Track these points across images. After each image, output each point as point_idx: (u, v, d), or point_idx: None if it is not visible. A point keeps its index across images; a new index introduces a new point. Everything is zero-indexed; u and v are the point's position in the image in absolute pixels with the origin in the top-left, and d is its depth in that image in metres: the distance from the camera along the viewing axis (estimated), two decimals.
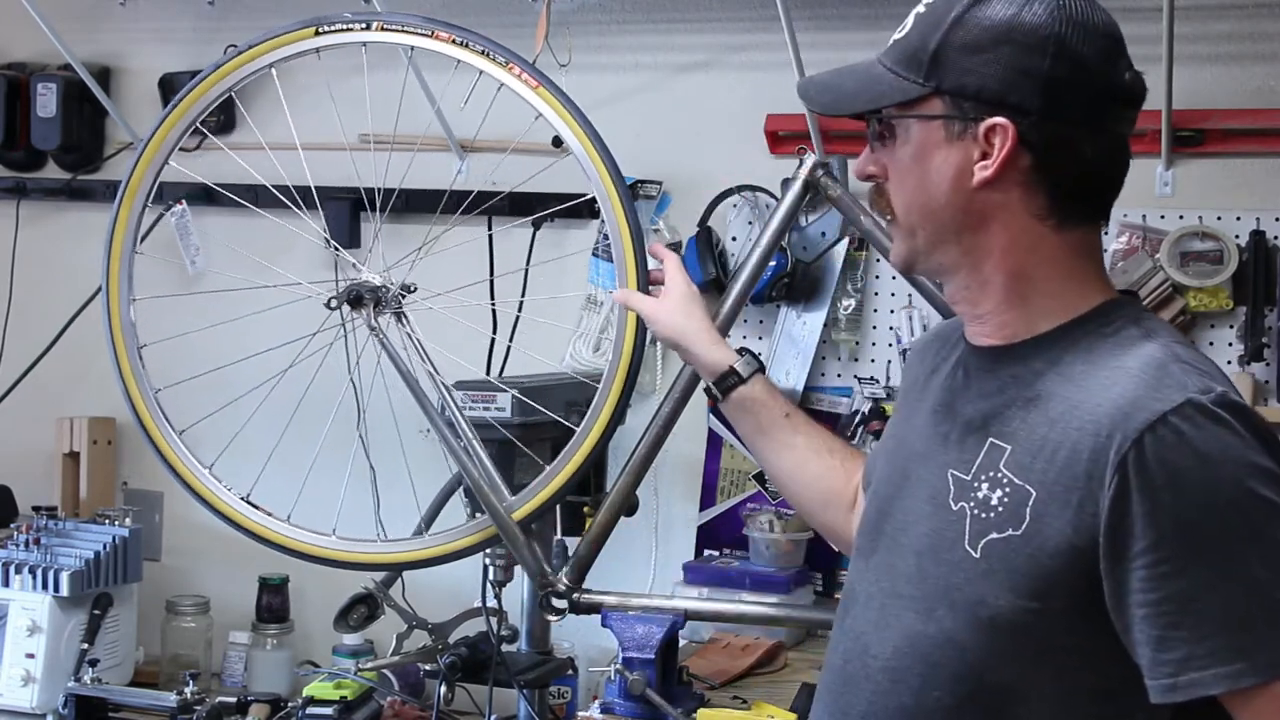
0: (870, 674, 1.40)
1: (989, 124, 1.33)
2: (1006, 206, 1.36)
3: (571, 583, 2.34)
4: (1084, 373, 1.31)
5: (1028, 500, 1.30)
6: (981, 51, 1.33)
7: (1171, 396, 1.24)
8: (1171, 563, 1.22)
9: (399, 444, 2.54)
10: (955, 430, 1.41)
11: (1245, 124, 2.60)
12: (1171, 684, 1.23)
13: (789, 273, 2.77)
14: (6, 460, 3.29)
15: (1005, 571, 1.30)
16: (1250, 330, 2.55)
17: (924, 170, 1.37)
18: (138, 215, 2.48)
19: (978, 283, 1.39)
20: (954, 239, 1.38)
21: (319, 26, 2.36)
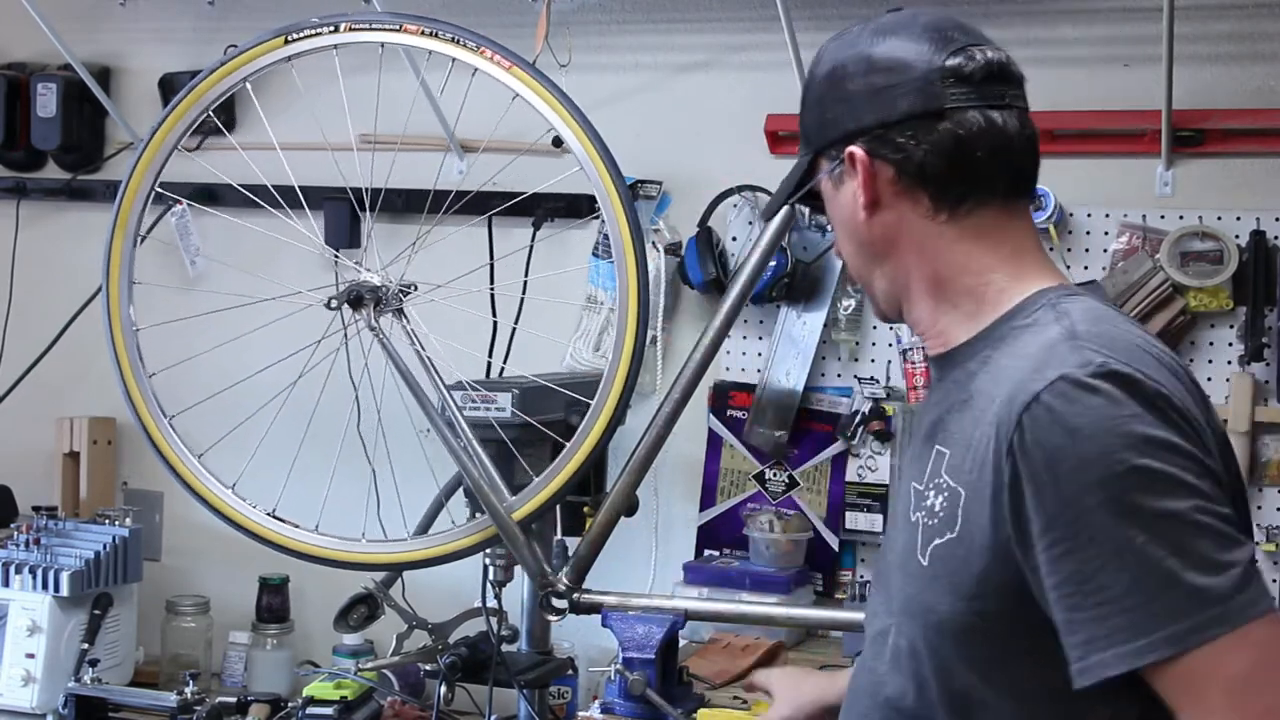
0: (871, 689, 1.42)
1: (844, 156, 1.40)
2: (900, 220, 1.40)
3: (571, 583, 2.34)
4: (1005, 366, 1.30)
5: (959, 501, 1.30)
6: (819, 103, 1.44)
7: (1047, 375, 1.22)
8: (1061, 544, 1.20)
9: (400, 444, 2.54)
10: (916, 443, 1.44)
11: (1245, 124, 2.60)
12: (1080, 668, 1.20)
13: (789, 273, 2.77)
14: (6, 460, 3.29)
15: (946, 575, 1.30)
16: (1250, 330, 2.54)
17: (839, 222, 1.46)
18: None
19: (910, 301, 1.44)
20: (879, 272, 1.44)
21: (288, 35, 2.38)
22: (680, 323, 2.94)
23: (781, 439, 2.83)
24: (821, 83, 1.43)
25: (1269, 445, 2.57)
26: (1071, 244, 2.67)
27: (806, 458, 2.84)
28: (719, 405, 2.89)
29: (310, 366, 2.43)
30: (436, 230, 2.59)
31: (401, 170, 2.57)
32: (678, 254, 2.87)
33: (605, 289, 2.92)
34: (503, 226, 2.94)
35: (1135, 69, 2.63)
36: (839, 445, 2.81)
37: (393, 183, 2.54)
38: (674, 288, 2.91)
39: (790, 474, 2.84)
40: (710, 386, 2.87)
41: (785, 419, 2.83)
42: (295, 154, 2.62)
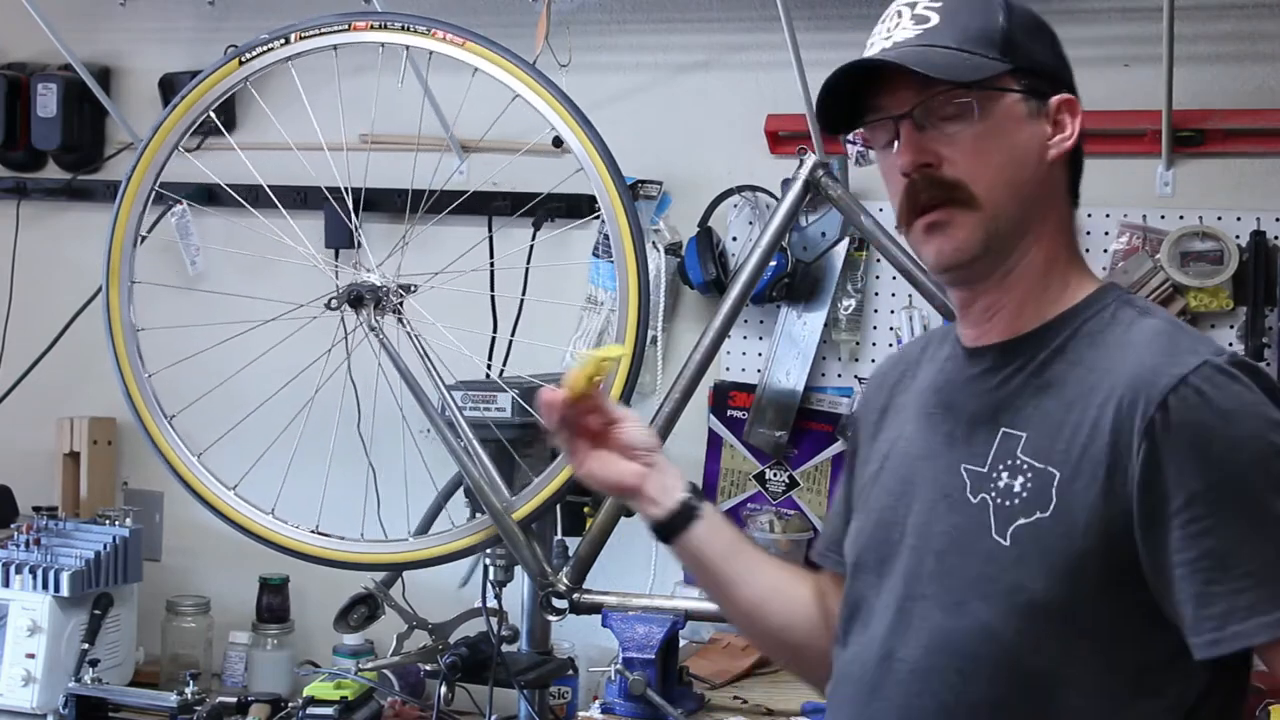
0: (899, 679, 1.39)
1: (1060, 99, 1.39)
2: (1058, 182, 1.41)
3: (572, 583, 2.34)
4: (1091, 355, 1.35)
5: (1052, 482, 1.31)
6: (1038, 35, 1.41)
7: (1188, 360, 1.28)
8: (1205, 520, 1.25)
9: (400, 444, 2.54)
10: (960, 427, 1.41)
11: (1245, 124, 2.60)
12: (1215, 638, 1.25)
13: (789, 273, 2.76)
14: (7, 460, 3.29)
15: (1038, 554, 1.31)
16: (1250, 330, 2.54)
17: (1011, 146, 1.37)
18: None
19: (1021, 267, 1.40)
20: (1025, 218, 1.39)
21: (240, 56, 2.42)
22: (680, 323, 2.94)
23: (781, 439, 2.83)
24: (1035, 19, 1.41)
25: None
26: None
27: (806, 458, 2.84)
28: (719, 405, 2.89)
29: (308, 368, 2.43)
30: (437, 230, 2.59)
31: (401, 170, 2.57)
32: (678, 254, 2.87)
33: (605, 289, 2.92)
34: (503, 226, 2.94)
35: (1135, 69, 2.63)
36: (839, 445, 2.81)
37: (392, 183, 2.54)
38: (674, 288, 2.91)
39: (790, 474, 2.84)
40: (710, 386, 2.87)
41: (785, 419, 2.83)
42: (295, 154, 2.62)
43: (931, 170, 1.37)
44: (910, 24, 1.39)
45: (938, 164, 1.37)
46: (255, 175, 2.63)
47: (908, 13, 1.41)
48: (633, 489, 1.58)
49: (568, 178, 2.54)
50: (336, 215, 3.01)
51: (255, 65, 2.41)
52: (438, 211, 2.62)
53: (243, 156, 2.64)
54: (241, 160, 2.65)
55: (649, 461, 1.58)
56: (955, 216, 1.37)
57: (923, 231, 1.40)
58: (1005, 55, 1.37)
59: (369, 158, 2.56)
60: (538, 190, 2.75)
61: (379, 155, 2.56)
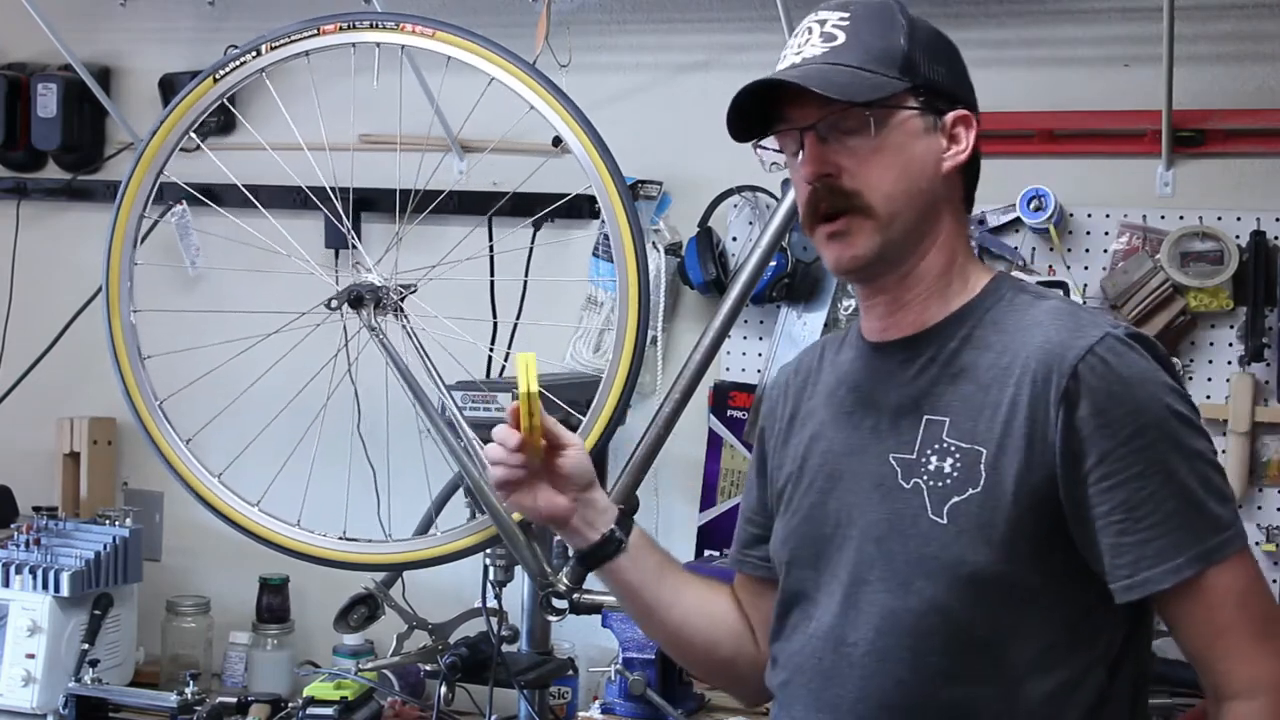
0: (853, 662, 1.46)
1: (955, 115, 1.50)
2: (951, 193, 1.52)
3: (572, 583, 2.34)
4: (997, 339, 1.46)
5: (980, 459, 1.42)
6: (938, 52, 1.51)
7: (1092, 333, 1.41)
8: (1116, 475, 1.38)
9: (401, 443, 2.54)
10: (884, 420, 1.51)
11: (1245, 124, 2.60)
12: (1128, 584, 1.38)
13: (789, 273, 2.76)
14: (7, 460, 3.29)
15: (975, 528, 1.41)
16: (1250, 330, 2.54)
17: (907, 160, 1.48)
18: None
19: (917, 270, 1.51)
20: (919, 225, 1.49)
21: (214, 74, 2.43)
22: (680, 323, 2.94)
23: None
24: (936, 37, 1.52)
25: (1269, 445, 2.57)
26: (1071, 244, 2.67)
27: None
28: (719, 405, 2.89)
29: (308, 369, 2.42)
30: (437, 230, 2.59)
31: (403, 170, 2.57)
32: (678, 254, 2.87)
33: (605, 289, 2.92)
34: (503, 226, 2.94)
35: (1135, 69, 2.63)
36: None
37: (391, 183, 2.54)
38: (674, 288, 2.91)
39: None
40: (710, 386, 2.87)
41: None
42: (295, 155, 2.62)
43: (832, 180, 1.48)
44: (819, 41, 1.49)
45: (838, 174, 1.48)
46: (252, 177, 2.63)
47: (817, 29, 1.50)
48: (561, 521, 1.66)
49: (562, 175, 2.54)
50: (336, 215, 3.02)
51: (229, 81, 2.44)
52: (437, 211, 2.62)
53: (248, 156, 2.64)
54: (240, 161, 2.65)
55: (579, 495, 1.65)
56: (853, 224, 1.48)
57: (825, 238, 1.50)
58: (904, 74, 1.47)
59: (359, 157, 2.57)
60: (538, 190, 2.75)
61: (380, 155, 2.56)
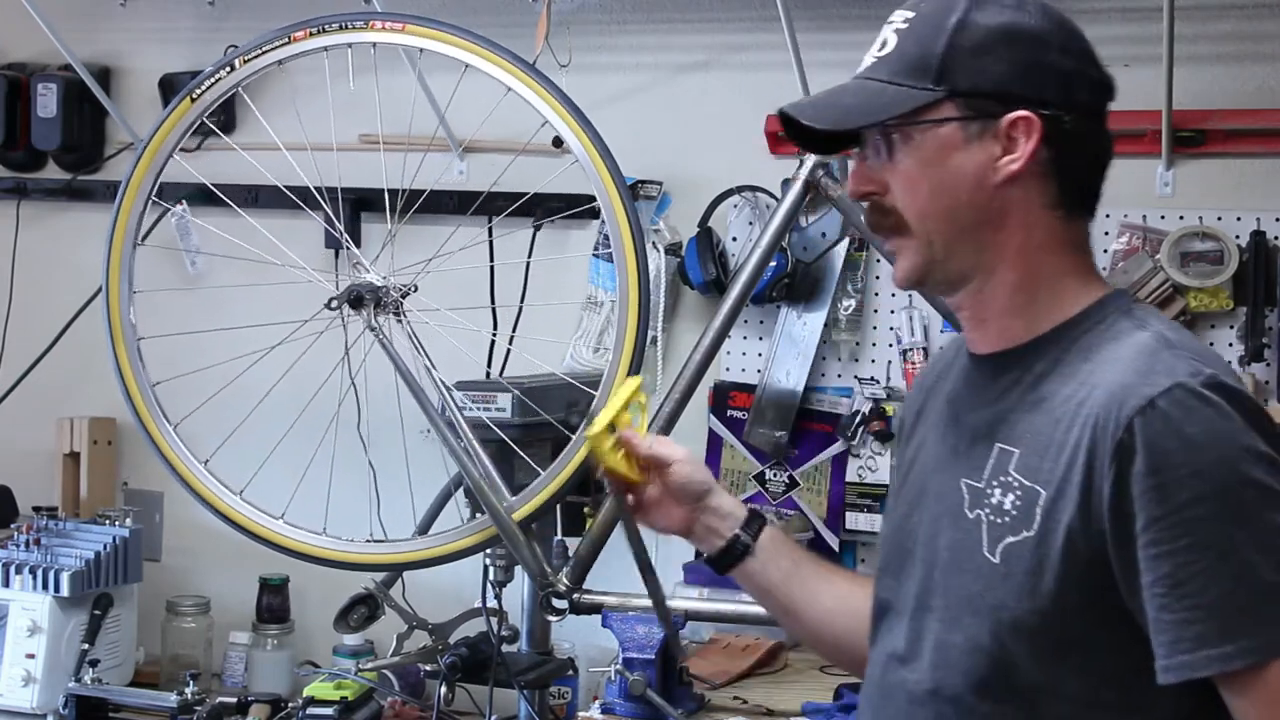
0: (906, 686, 1.41)
1: (1012, 118, 1.35)
2: (1024, 200, 1.38)
3: (572, 583, 2.34)
4: (1083, 370, 1.34)
5: (1038, 500, 1.31)
6: (992, 51, 1.36)
7: (1160, 381, 1.26)
8: (1162, 545, 1.24)
9: (401, 444, 2.54)
10: (963, 441, 1.42)
11: (1245, 124, 2.60)
12: (1165, 665, 1.25)
13: (789, 273, 2.76)
14: (7, 460, 3.29)
15: (1023, 574, 1.31)
16: (1250, 330, 2.54)
17: (941, 175, 1.37)
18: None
19: (990, 285, 1.40)
20: (972, 241, 1.39)
21: (191, 93, 2.45)
22: (680, 323, 2.94)
23: (781, 439, 2.83)
24: (995, 31, 1.36)
25: None
26: None
27: (807, 458, 2.84)
28: (719, 405, 2.89)
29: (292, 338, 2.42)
30: (437, 231, 2.59)
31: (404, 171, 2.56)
32: (678, 254, 2.87)
33: (605, 289, 2.92)
34: (503, 226, 2.94)
35: (1135, 69, 2.63)
36: (839, 445, 2.81)
37: (391, 183, 2.54)
38: (674, 288, 2.91)
39: (790, 474, 2.84)
40: (710, 386, 2.87)
41: (785, 419, 2.83)
42: (296, 154, 2.62)
43: (877, 197, 1.41)
44: (876, 49, 1.42)
45: (882, 192, 1.40)
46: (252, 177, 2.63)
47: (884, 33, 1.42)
48: (684, 533, 1.64)
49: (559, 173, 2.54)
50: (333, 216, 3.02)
51: (206, 100, 2.46)
52: (437, 211, 2.62)
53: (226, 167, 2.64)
54: (240, 161, 2.65)
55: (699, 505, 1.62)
56: (899, 244, 1.42)
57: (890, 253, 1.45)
58: (939, 81, 1.36)
59: (360, 158, 2.57)
60: (538, 190, 2.75)
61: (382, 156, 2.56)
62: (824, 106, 1.42)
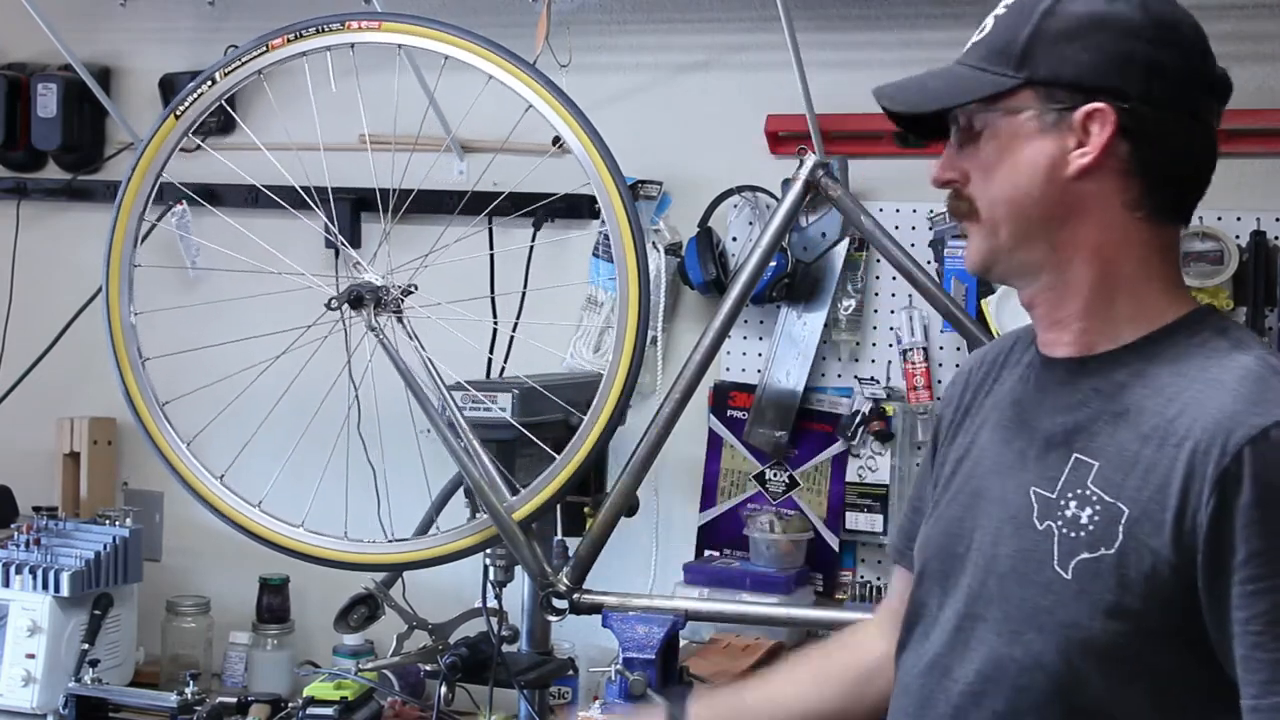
0: (950, 697, 1.37)
1: (1087, 110, 1.31)
2: (1101, 196, 1.33)
3: (572, 583, 2.34)
4: (1174, 386, 1.29)
5: (1120, 518, 1.27)
6: (1076, 39, 1.32)
7: (1273, 412, 1.22)
8: (1263, 580, 1.20)
9: (402, 443, 2.54)
10: (1034, 446, 1.37)
11: (1245, 124, 2.59)
12: (1253, 705, 1.21)
13: (789, 273, 2.76)
14: (7, 460, 3.29)
15: (1098, 592, 1.27)
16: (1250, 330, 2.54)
17: (1014, 163, 1.34)
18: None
19: (1063, 282, 1.36)
20: (1042, 234, 1.35)
21: (174, 111, 2.46)
22: (680, 323, 2.94)
23: (782, 439, 2.83)
24: (1083, 19, 1.31)
25: None
26: None
27: (807, 458, 2.83)
28: (719, 405, 2.89)
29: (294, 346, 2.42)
30: (436, 231, 2.59)
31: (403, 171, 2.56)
32: (678, 254, 2.87)
33: (605, 289, 2.92)
34: (503, 226, 2.94)
35: None
36: (839, 445, 2.81)
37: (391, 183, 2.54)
38: (674, 288, 2.91)
39: (790, 474, 2.84)
40: (710, 386, 2.87)
41: (785, 419, 2.83)
42: (296, 155, 2.62)
43: (957, 185, 1.39)
44: (976, 35, 1.39)
45: (963, 181, 1.38)
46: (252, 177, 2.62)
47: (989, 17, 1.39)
48: None
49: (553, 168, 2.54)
50: (338, 217, 3.02)
51: (190, 116, 2.47)
52: (436, 211, 2.62)
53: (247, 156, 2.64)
54: (240, 161, 2.65)
55: None
56: (970, 230, 1.39)
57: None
58: (1020, 68, 1.33)
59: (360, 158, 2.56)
60: (538, 190, 2.75)
61: (382, 156, 2.56)
62: (908, 89, 1.39)
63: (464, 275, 2.84)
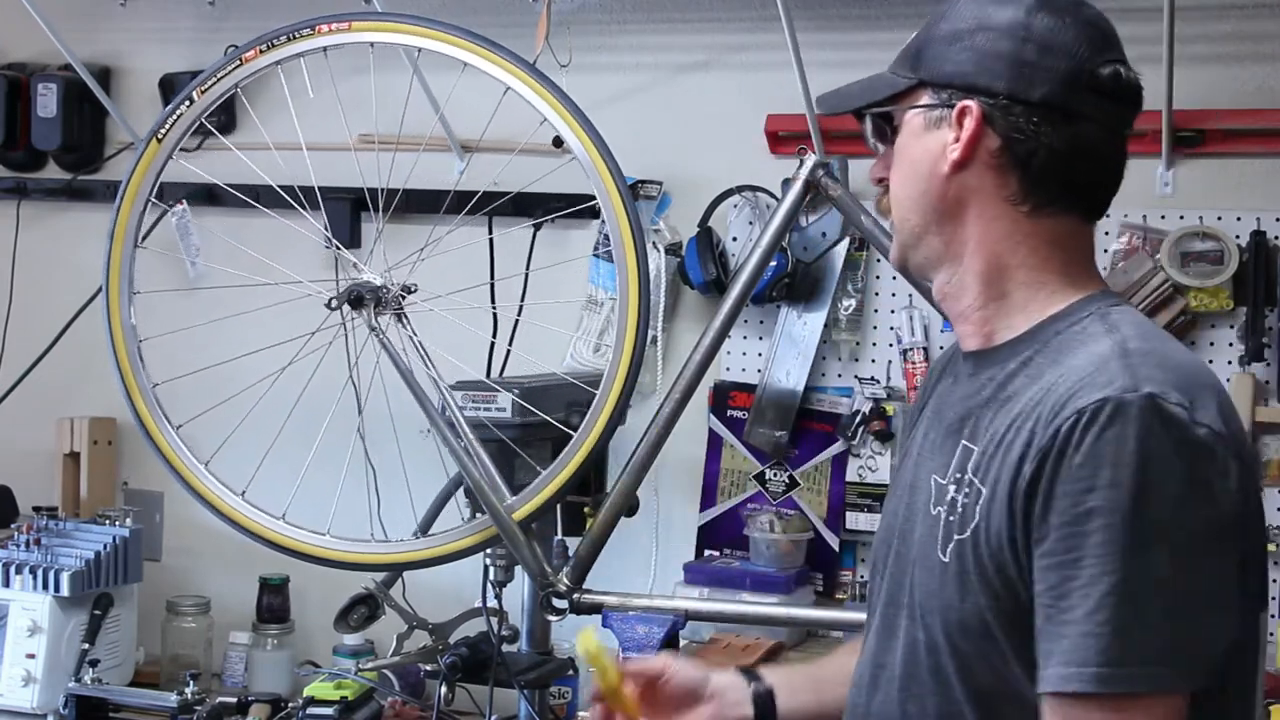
0: (880, 684, 1.40)
1: (960, 107, 1.35)
2: (980, 191, 1.37)
3: (572, 583, 2.34)
4: (1050, 372, 1.30)
5: (978, 499, 1.30)
6: (959, 40, 1.37)
7: (1094, 394, 1.23)
8: (1053, 555, 1.22)
9: (403, 444, 2.54)
10: (939, 435, 1.42)
11: (1245, 124, 2.60)
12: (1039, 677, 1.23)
13: (789, 273, 2.76)
14: (7, 460, 3.29)
15: (962, 573, 1.30)
16: (1250, 330, 2.54)
17: (909, 160, 1.40)
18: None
19: (958, 276, 1.40)
20: (935, 229, 1.40)
21: (156, 135, 2.47)
22: (680, 323, 2.94)
23: (782, 439, 2.83)
24: (968, 21, 1.37)
25: (1269, 445, 2.57)
26: None
27: (807, 458, 2.84)
28: (719, 405, 2.89)
29: (316, 371, 2.42)
30: (435, 230, 2.59)
31: (401, 170, 2.57)
32: (678, 254, 2.87)
33: (605, 289, 2.92)
34: (503, 226, 2.94)
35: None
36: (839, 445, 2.81)
37: (395, 184, 2.54)
38: (674, 288, 2.91)
39: (790, 474, 2.84)
40: (710, 386, 2.87)
41: (785, 419, 2.83)
42: (295, 154, 2.62)
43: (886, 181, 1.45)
44: None
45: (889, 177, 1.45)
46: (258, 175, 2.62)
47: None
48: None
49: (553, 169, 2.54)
50: (337, 217, 3.02)
51: (171, 140, 2.47)
52: (436, 211, 2.61)
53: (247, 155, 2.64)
54: (238, 162, 2.65)
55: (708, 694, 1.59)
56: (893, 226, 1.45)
57: None
58: (915, 70, 1.40)
59: (361, 158, 2.56)
60: (538, 190, 2.75)
61: (382, 156, 2.56)
62: (835, 94, 1.47)
63: (464, 275, 2.84)
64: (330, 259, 2.94)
